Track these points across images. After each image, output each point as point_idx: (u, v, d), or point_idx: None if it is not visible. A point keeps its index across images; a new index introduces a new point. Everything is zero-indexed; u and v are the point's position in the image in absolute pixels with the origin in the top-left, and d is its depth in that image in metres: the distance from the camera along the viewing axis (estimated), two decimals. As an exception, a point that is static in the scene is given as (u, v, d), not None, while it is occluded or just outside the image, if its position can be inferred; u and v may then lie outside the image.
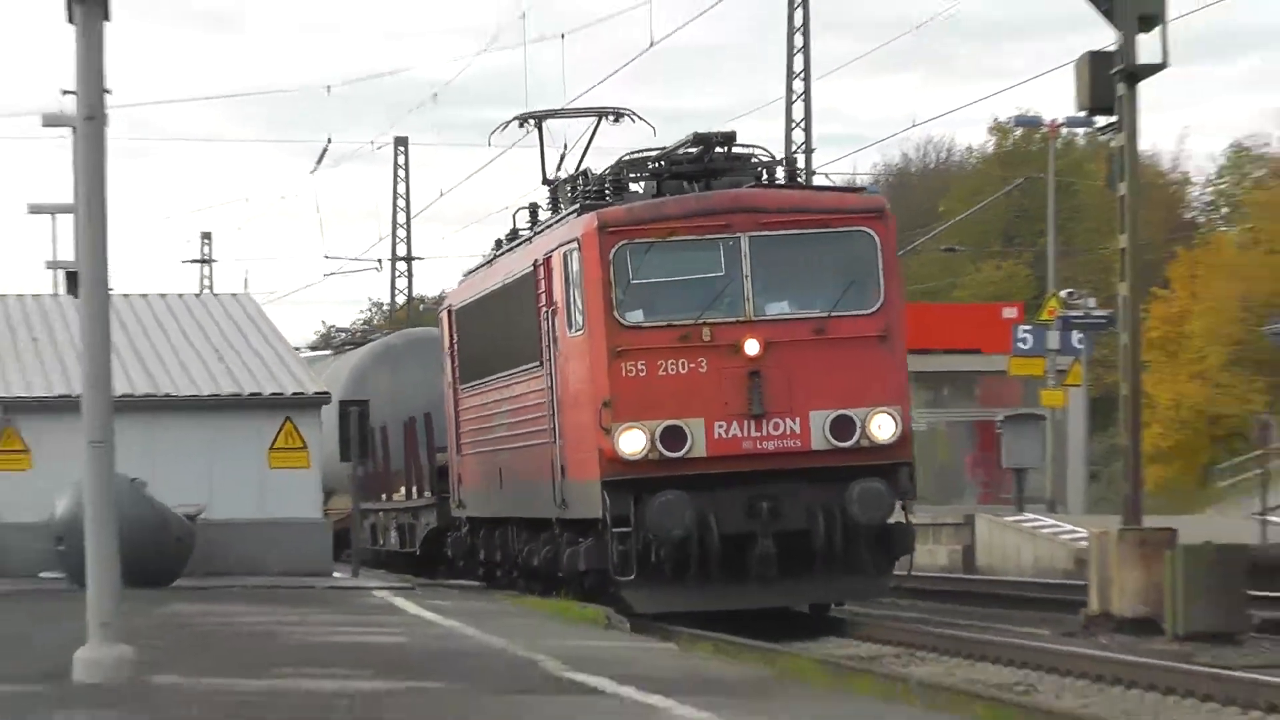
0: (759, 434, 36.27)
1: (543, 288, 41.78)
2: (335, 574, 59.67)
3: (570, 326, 39.86)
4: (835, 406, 37.17)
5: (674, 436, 36.35)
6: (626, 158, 45.52)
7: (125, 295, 51.44)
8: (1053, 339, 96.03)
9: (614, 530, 37.50)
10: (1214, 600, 39.62)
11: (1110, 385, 68.39)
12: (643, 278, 36.88)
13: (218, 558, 49.47)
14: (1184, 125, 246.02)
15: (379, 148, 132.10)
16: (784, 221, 38.69)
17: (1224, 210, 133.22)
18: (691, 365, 36.23)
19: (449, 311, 60.34)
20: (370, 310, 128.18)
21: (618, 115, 54.78)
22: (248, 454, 53.55)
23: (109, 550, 25.11)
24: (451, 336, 58.79)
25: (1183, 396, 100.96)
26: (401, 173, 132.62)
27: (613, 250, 37.61)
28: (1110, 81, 44.14)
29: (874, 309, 38.05)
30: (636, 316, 37.27)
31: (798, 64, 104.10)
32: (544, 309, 41.47)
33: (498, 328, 49.42)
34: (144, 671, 22.94)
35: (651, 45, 76.41)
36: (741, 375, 36.50)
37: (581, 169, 49.22)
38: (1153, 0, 43.27)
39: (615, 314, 37.05)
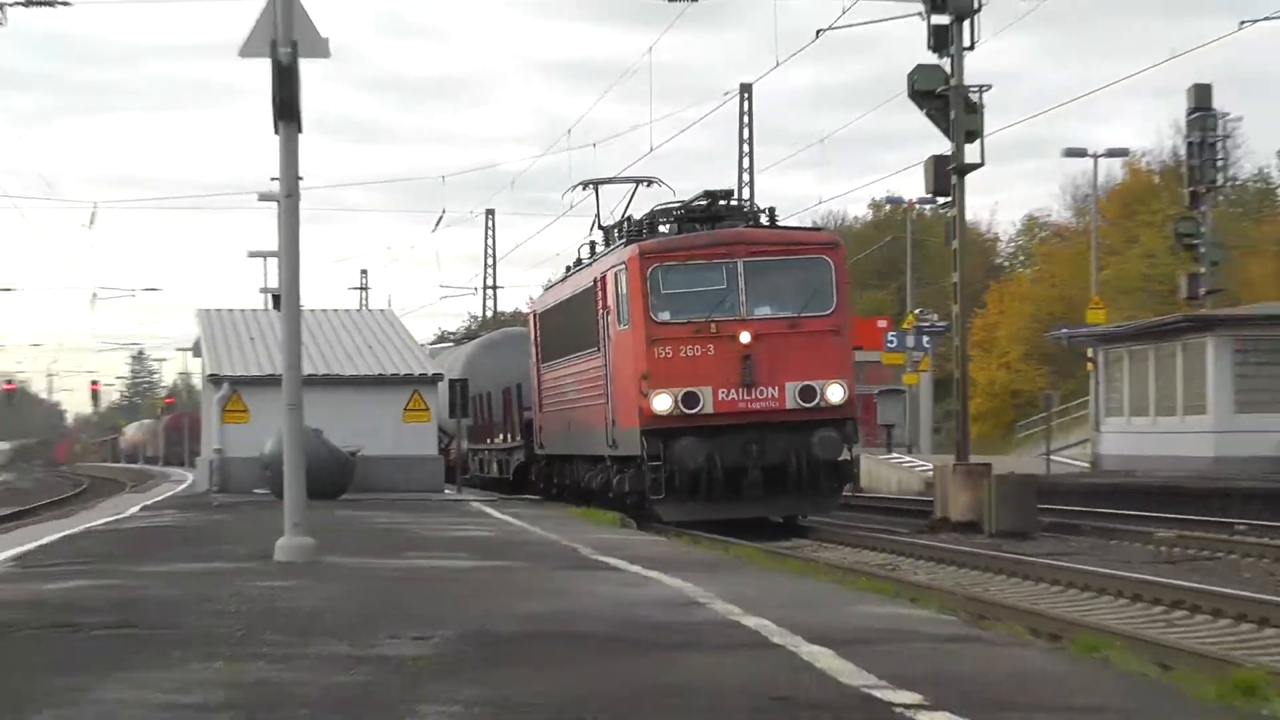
0: (749, 398, 37.93)
1: (600, 297, 42.94)
2: (446, 491, 59.47)
3: (620, 323, 40.89)
4: (802, 379, 38.49)
5: (691, 399, 37.84)
6: (658, 208, 46.99)
7: (311, 310, 52.73)
8: (910, 340, 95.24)
9: (649, 463, 38.65)
10: (1014, 510, 43.50)
11: (947, 371, 68.16)
12: (669, 289, 38.51)
13: (369, 481, 51.37)
14: (995, 201, 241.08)
15: (475, 215, 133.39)
16: (767, 250, 40.44)
17: (1020, 258, 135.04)
18: (703, 350, 37.82)
19: (534, 314, 61.55)
20: (469, 320, 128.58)
21: (650, 182, 55.01)
22: (389, 413, 55.09)
23: (298, 475, 26.70)
24: (535, 331, 59.01)
25: (994, 378, 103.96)
26: (490, 232, 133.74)
27: (649, 270, 39.01)
28: (947, 175, 47.94)
29: (829, 311, 39.75)
30: (665, 316, 38.89)
31: (747, 162, 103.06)
32: (601, 311, 42.44)
33: (568, 325, 49.94)
34: (319, 554, 24.60)
35: (651, 150, 74.93)
36: (737, 357, 37.98)
37: (626, 215, 49.40)
38: (975, 121, 46.81)
39: (650, 314, 38.64)
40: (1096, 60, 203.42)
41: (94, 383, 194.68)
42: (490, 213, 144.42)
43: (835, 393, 39.24)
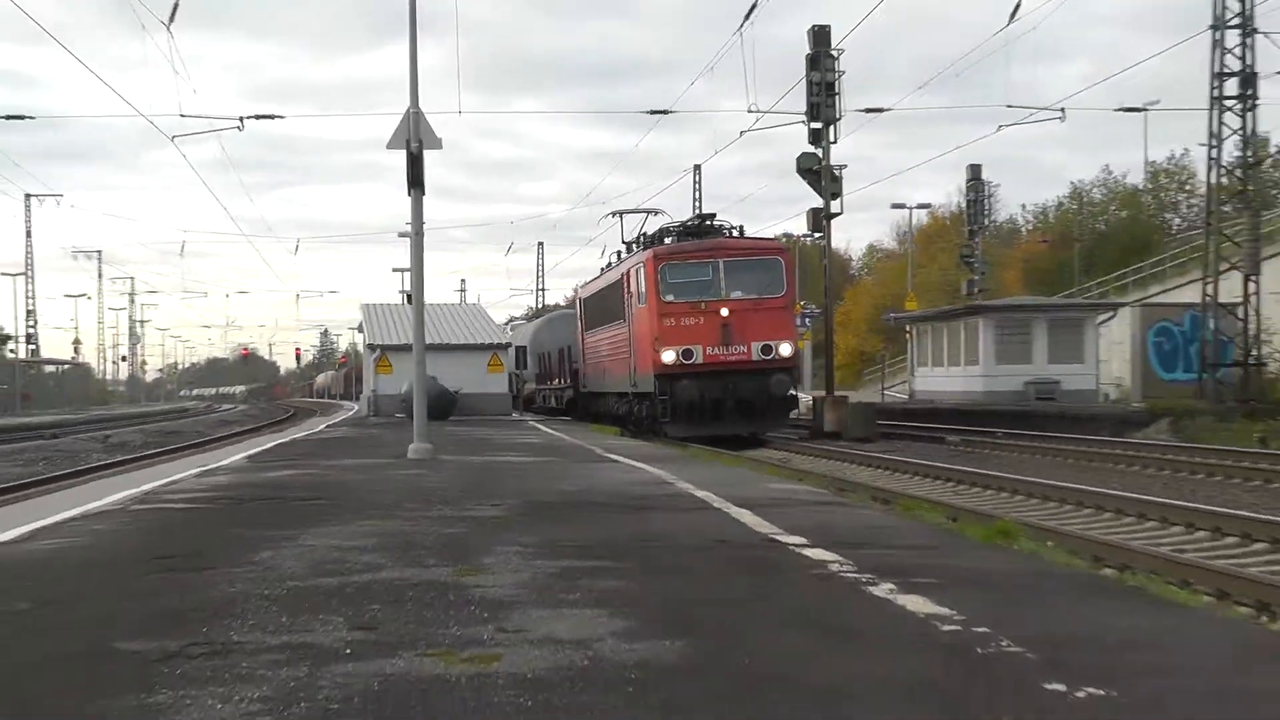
0: (727, 353, 37.19)
1: (625, 286, 42.20)
2: (514, 415, 56.19)
3: (639, 303, 40.17)
4: (762, 340, 37.55)
5: (687, 354, 37.19)
6: (664, 226, 45.93)
7: (430, 303, 51.70)
8: (798, 321, 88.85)
9: (660, 398, 37.99)
10: (862, 424, 43.68)
11: (820, 339, 65.88)
12: (673, 279, 38.04)
13: (466, 408, 50.53)
14: (850, 236, 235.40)
15: (531, 245, 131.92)
16: (739, 254, 39.49)
17: (865, 271, 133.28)
18: (695, 320, 37.28)
19: (579, 299, 58.50)
20: (528, 310, 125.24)
21: (656, 212, 52.74)
22: (478, 366, 54.16)
23: (422, 405, 26.57)
24: (580, 310, 56.33)
25: (849, 345, 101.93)
26: (541, 257, 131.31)
27: (660, 267, 38.46)
28: (819, 220, 48.32)
29: (781, 294, 39.01)
30: (670, 298, 38.04)
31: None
32: (626, 296, 41.91)
33: (603, 306, 48.23)
34: (436, 454, 24.64)
35: (657, 213, 73.22)
36: (719, 325, 37.23)
37: (641, 233, 48.14)
38: (837, 186, 47.77)
39: (660, 297, 37.94)
40: (911, 149, 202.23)
41: (297, 349, 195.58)
42: (541, 245, 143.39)
43: (785, 349, 39.06)
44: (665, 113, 58.63)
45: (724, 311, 38.91)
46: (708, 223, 45.76)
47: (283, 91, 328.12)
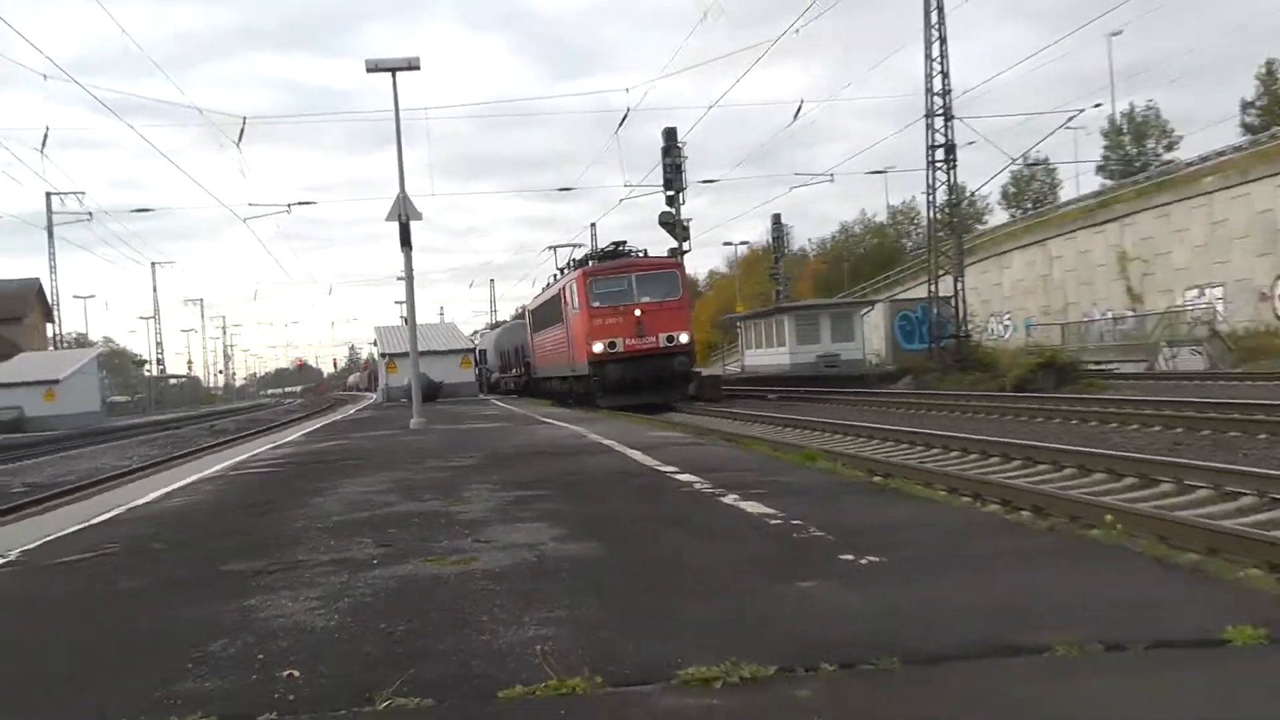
0: (641, 343, 34.21)
1: (563, 297, 39.26)
2: (480, 396, 53.49)
3: (574, 308, 37.60)
4: (666, 331, 34.90)
5: (612, 345, 34.38)
6: (589, 253, 42.71)
7: (421, 324, 50.30)
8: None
9: (593, 378, 35.38)
10: (712, 388, 41.60)
11: None
12: (599, 290, 35.12)
13: (447, 393, 49.16)
14: (696, 265, 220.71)
15: (485, 283, 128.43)
16: (646, 269, 36.44)
17: (709, 288, 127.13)
18: (615, 319, 34.38)
19: (527, 310, 54.65)
20: (487, 325, 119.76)
21: (579, 245, 52.49)
22: (454, 364, 52.80)
23: (419, 392, 26.01)
24: (528, 319, 52.54)
25: (701, 338, 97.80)
26: (492, 289, 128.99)
27: (589, 281, 35.75)
28: (676, 255, 43.81)
29: (678, 297, 36.07)
30: (597, 303, 35.03)
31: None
32: (564, 304, 38.93)
33: (547, 313, 44.75)
34: (429, 425, 24.22)
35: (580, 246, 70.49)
36: (634, 322, 34.47)
37: (570, 259, 43.86)
38: (685, 233, 46.27)
39: (590, 303, 35.09)
40: (733, 205, 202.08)
41: (334, 359, 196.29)
42: (491, 281, 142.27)
43: (684, 338, 36.30)
44: (569, 189, 60.60)
45: (637, 312, 36.26)
46: (621, 248, 42.05)
47: (317, 184, 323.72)
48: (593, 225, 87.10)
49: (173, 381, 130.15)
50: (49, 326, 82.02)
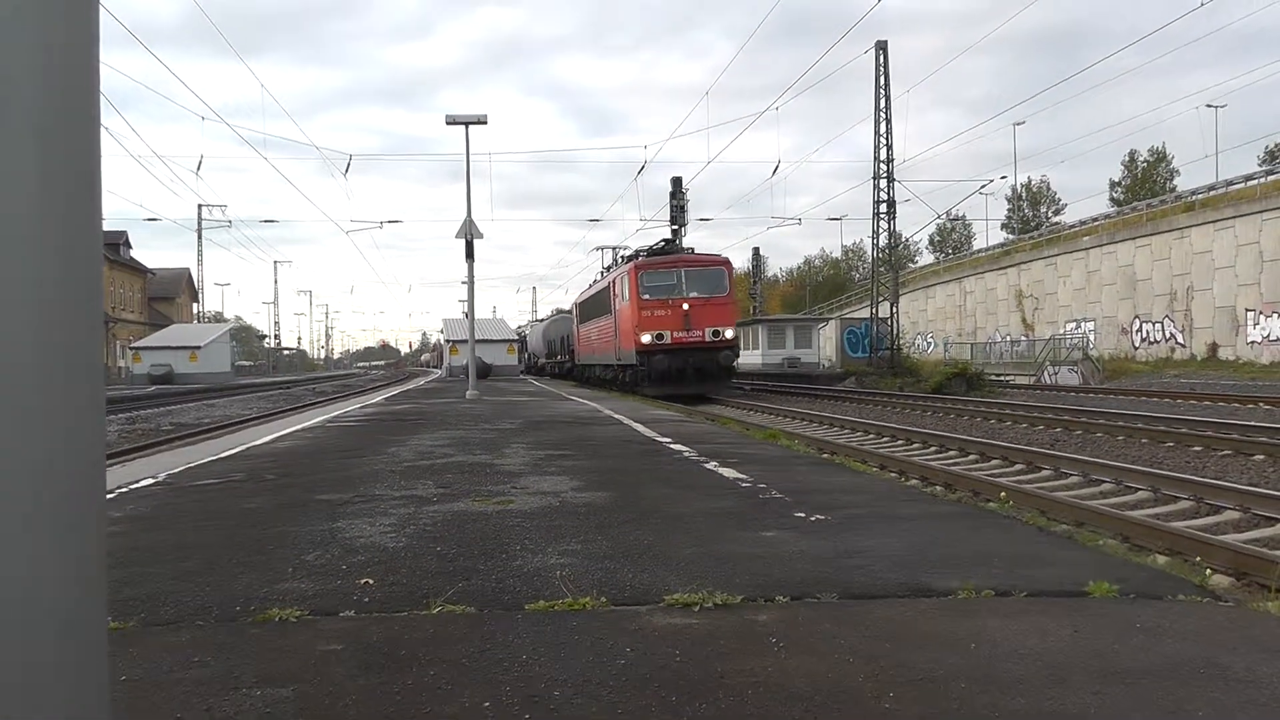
0: (687, 335, 29.30)
1: (612, 290, 33.90)
2: (520, 376, 52.72)
3: (623, 301, 32.23)
4: (713, 326, 29.85)
5: (660, 336, 29.33)
6: (639, 249, 35.85)
7: (478, 318, 50.12)
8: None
9: (640, 368, 30.13)
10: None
11: None
12: (649, 283, 29.87)
13: (495, 374, 48.44)
14: None
15: (529, 289, 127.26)
16: (695, 265, 31.10)
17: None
18: (664, 312, 29.20)
19: (575, 304, 46.33)
20: (530, 319, 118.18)
21: (625, 247, 45.87)
22: (502, 350, 52.08)
23: (474, 371, 25.94)
24: (575, 312, 45.27)
25: None
26: (535, 295, 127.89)
27: (640, 274, 30.51)
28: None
29: (726, 293, 30.93)
30: (647, 296, 29.83)
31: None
32: (613, 297, 33.68)
33: (595, 306, 38.62)
34: (481, 396, 24.08)
35: (625, 248, 69.52)
36: (682, 315, 29.44)
37: (619, 256, 40.66)
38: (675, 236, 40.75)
39: (641, 295, 29.90)
40: (724, 240, 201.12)
41: (410, 342, 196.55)
42: (534, 288, 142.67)
43: (729, 333, 31.27)
44: (597, 220, 59.31)
45: (686, 306, 31.07)
46: (671, 243, 36.57)
47: (404, 206, 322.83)
48: (615, 249, 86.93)
49: (285, 353, 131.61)
50: (194, 305, 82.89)
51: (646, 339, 30.42)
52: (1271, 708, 2.85)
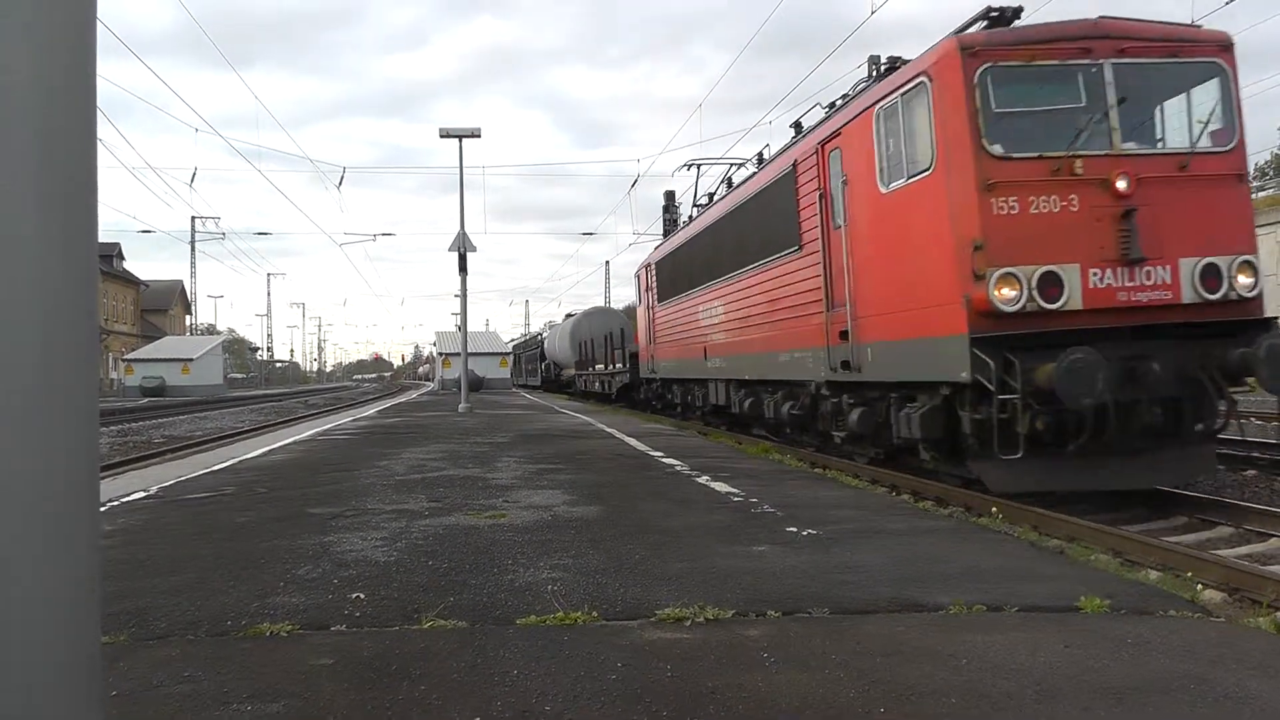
0: (1132, 283, 7.70)
1: (812, 174, 11.35)
2: (511, 389, 51.50)
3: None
4: (1202, 254, 7.83)
5: (1051, 284, 7.60)
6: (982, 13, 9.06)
7: (471, 331, 49.01)
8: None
9: (996, 397, 7.62)
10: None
11: None
12: (1007, 105, 7.96)
13: (487, 386, 47.95)
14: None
15: (523, 302, 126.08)
16: (1143, 48, 8.19)
17: None
18: (1063, 203, 7.62)
19: (646, 269, 23.53)
20: (520, 336, 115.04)
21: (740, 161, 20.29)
22: (495, 364, 51.43)
23: (466, 384, 25.49)
24: (650, 279, 22.87)
25: None
26: (528, 309, 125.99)
27: (976, 74, 7.93)
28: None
29: (1231, 146, 8.21)
30: (999, 149, 7.85)
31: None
32: (818, 196, 11.13)
33: (726, 242, 15.89)
34: (473, 410, 23.84)
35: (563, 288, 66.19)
36: (1114, 215, 7.66)
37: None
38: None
39: (983, 144, 7.88)
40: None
41: (402, 355, 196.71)
42: (527, 301, 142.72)
43: (1247, 277, 8.17)
44: (590, 233, 59.16)
45: (1122, 183, 8.05)
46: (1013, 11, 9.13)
47: (397, 219, 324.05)
48: (606, 264, 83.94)
49: (278, 365, 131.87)
50: (187, 317, 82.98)
51: (1007, 293, 8.20)
52: (1260, 724, 2.87)
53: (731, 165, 18.87)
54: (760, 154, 16.31)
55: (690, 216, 21.02)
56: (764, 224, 13.75)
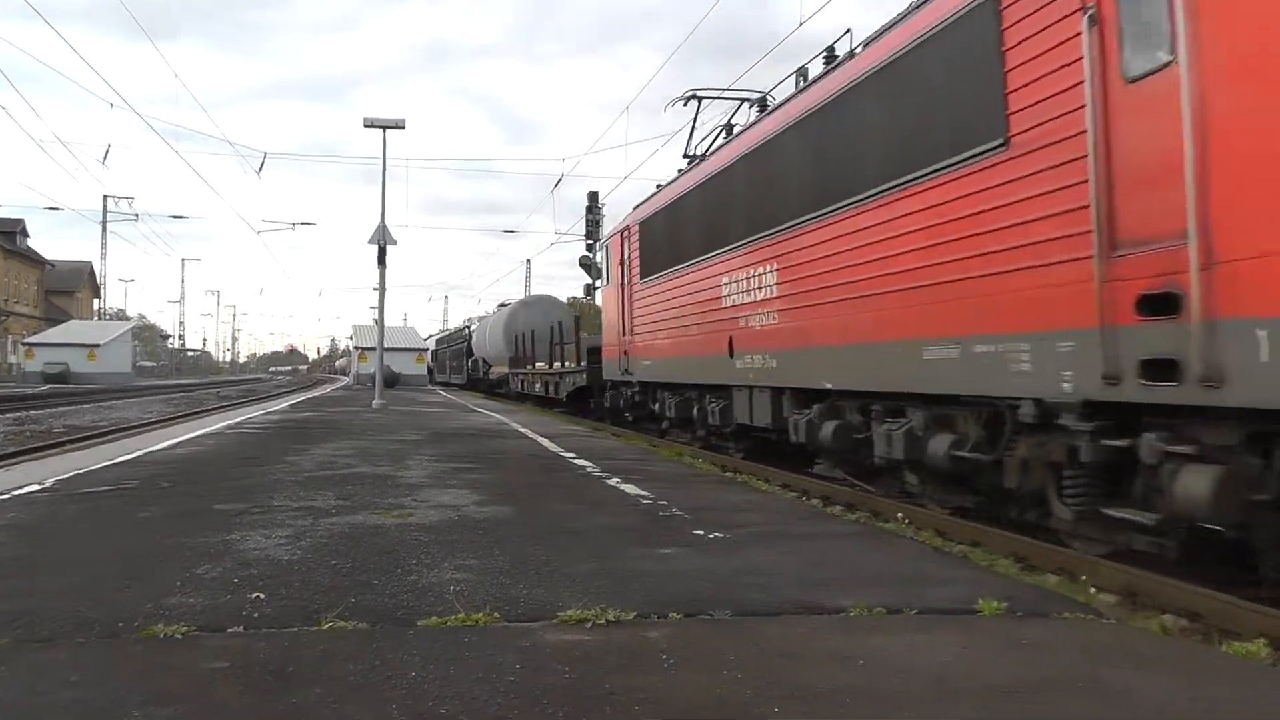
0: None
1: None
2: (428, 386, 51.20)
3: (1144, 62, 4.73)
4: None
5: None
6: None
7: (388, 325, 48.45)
8: None
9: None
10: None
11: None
12: None
13: (403, 383, 47.17)
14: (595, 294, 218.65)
15: (441, 298, 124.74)
16: None
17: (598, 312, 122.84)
18: None
19: (624, 234, 16.46)
20: (439, 331, 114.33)
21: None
22: (411, 360, 50.71)
23: (381, 379, 25.36)
24: (624, 253, 16.37)
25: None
26: (447, 305, 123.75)
27: None
28: (590, 290, 34.24)
29: None
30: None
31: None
32: (1053, 23, 5.50)
33: (781, 169, 9.83)
34: (387, 406, 23.90)
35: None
36: None
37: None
38: (598, 272, 37.67)
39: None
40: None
41: (318, 348, 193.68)
42: (446, 297, 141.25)
43: None
44: (512, 231, 58.92)
45: None
46: None
47: (319, 208, 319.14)
48: (527, 263, 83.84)
49: (189, 354, 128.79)
50: (95, 301, 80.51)
51: None
52: (1142, 722, 2.98)
53: (743, 102, 14.60)
54: (832, 48, 10.61)
55: (690, 163, 14.92)
56: (901, 117, 7.94)
